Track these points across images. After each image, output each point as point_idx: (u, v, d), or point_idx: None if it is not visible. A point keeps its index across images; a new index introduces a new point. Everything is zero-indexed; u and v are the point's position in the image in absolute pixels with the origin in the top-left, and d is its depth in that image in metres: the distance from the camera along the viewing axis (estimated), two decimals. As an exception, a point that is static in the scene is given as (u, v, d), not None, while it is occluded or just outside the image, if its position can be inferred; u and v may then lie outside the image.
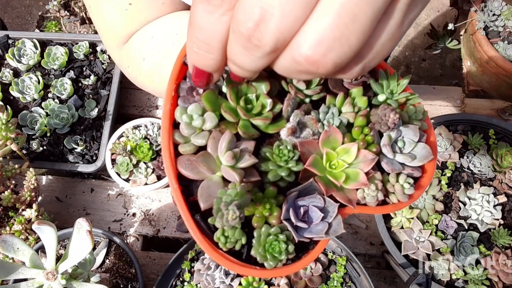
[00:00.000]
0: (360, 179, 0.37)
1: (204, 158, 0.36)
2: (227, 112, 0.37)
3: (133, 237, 1.05)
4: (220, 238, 0.35)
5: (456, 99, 1.14)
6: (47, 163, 1.06)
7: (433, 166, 0.41)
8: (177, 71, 0.39)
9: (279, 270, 0.37)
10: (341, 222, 0.37)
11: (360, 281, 0.83)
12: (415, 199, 0.40)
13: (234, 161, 0.35)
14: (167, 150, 0.37)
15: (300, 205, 0.37)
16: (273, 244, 0.36)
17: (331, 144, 0.38)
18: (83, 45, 1.16)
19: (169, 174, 0.36)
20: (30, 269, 0.67)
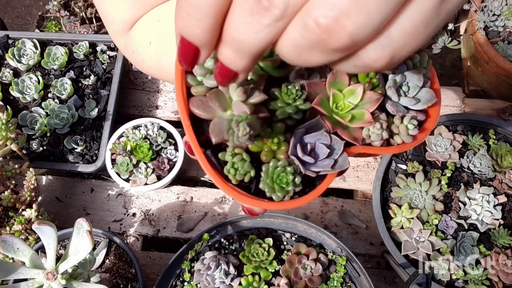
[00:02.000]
0: (366, 117, 0.39)
1: (217, 95, 0.37)
2: None
3: (133, 237, 1.05)
4: (230, 171, 0.37)
5: (456, 99, 1.14)
6: (47, 163, 1.06)
7: (437, 112, 0.42)
8: None
9: (286, 203, 0.38)
10: (346, 158, 0.38)
11: (360, 281, 0.83)
12: (419, 141, 0.41)
13: (245, 96, 0.37)
14: (180, 90, 0.38)
15: (307, 141, 0.39)
16: (281, 175, 0.37)
17: (337, 86, 0.40)
18: (83, 45, 1.16)
19: (182, 112, 0.38)
20: (30, 269, 0.67)
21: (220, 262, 0.82)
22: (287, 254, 0.85)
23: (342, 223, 1.02)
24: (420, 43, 0.24)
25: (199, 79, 0.39)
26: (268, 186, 0.37)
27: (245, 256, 0.83)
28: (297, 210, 1.05)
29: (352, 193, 1.12)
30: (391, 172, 0.93)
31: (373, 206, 0.89)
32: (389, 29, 0.23)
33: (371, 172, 1.07)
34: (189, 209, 1.06)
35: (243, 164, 0.37)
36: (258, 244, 0.84)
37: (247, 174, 0.37)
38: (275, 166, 0.37)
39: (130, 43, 0.67)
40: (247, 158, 0.37)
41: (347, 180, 1.07)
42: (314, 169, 0.38)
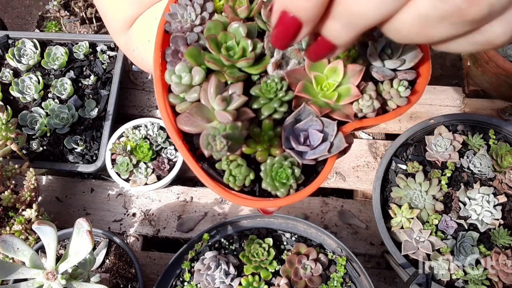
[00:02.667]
0: (352, 92, 0.38)
1: (198, 108, 0.37)
2: (210, 61, 0.38)
3: (133, 237, 1.05)
4: (229, 179, 0.37)
5: (456, 99, 1.14)
6: (47, 163, 1.06)
7: (428, 69, 0.41)
8: (160, 39, 0.41)
9: (292, 197, 0.38)
10: (342, 138, 0.38)
11: (360, 281, 0.83)
12: (413, 103, 0.40)
13: (225, 103, 0.36)
14: (165, 112, 0.38)
15: (299, 131, 0.38)
16: (279, 172, 0.37)
17: (317, 68, 0.39)
18: (83, 45, 1.16)
19: (171, 133, 0.38)
20: (30, 269, 0.67)
21: (220, 262, 0.82)
22: (287, 254, 0.85)
23: (342, 223, 1.02)
24: None
25: (182, 95, 0.39)
26: (269, 184, 0.37)
27: (245, 256, 0.83)
28: (297, 210, 1.05)
29: (352, 193, 1.12)
30: (391, 172, 0.93)
31: (373, 206, 0.89)
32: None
33: (371, 172, 1.07)
34: (189, 209, 1.06)
35: (240, 169, 0.37)
36: (258, 244, 0.84)
37: (247, 178, 0.37)
38: (272, 164, 0.37)
39: (130, 41, 0.67)
40: (243, 162, 0.37)
41: (347, 180, 1.07)
42: (312, 156, 0.38)
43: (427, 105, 1.13)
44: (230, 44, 0.40)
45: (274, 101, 0.38)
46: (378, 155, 1.09)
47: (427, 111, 1.13)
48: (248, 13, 0.42)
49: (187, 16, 0.42)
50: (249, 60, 0.39)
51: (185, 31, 0.42)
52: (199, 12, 0.42)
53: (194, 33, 0.42)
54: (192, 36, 0.41)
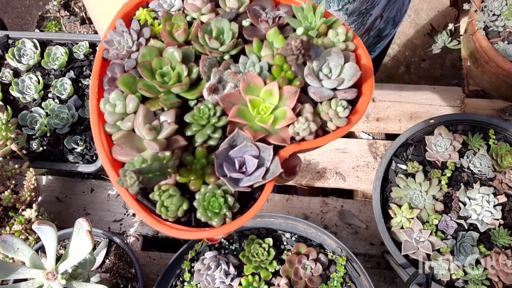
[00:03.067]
0: (288, 115, 0.37)
1: (127, 138, 0.36)
2: (142, 89, 0.38)
3: (133, 237, 1.05)
4: (161, 210, 0.36)
5: (456, 99, 1.14)
6: (47, 163, 1.06)
7: (370, 87, 0.40)
8: (98, 67, 0.41)
9: (228, 226, 0.36)
10: (278, 164, 0.37)
11: (360, 281, 0.83)
12: (353, 123, 0.39)
13: (154, 132, 0.36)
14: (100, 142, 0.38)
15: (234, 157, 0.37)
16: (211, 201, 0.36)
17: (252, 91, 0.38)
18: (83, 45, 1.16)
19: (105, 163, 0.37)
20: (30, 269, 0.67)
21: (220, 262, 0.82)
22: (287, 254, 0.85)
23: (342, 223, 1.02)
24: None
25: (118, 124, 0.38)
26: (203, 215, 0.36)
27: (245, 256, 0.83)
28: (297, 210, 1.05)
29: (352, 193, 1.12)
30: (391, 172, 0.93)
31: (373, 206, 0.89)
32: None
33: (371, 172, 1.07)
34: (189, 209, 1.06)
35: (172, 200, 0.36)
36: (258, 244, 0.84)
37: (180, 208, 0.36)
38: (205, 193, 0.36)
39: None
40: (175, 193, 0.36)
41: (347, 180, 1.07)
42: (247, 183, 0.36)
43: (427, 105, 1.14)
44: (165, 70, 0.39)
45: (207, 127, 0.37)
46: (378, 155, 1.09)
47: (427, 111, 1.13)
48: (186, 37, 0.41)
49: (124, 42, 0.41)
50: (183, 86, 0.38)
51: (123, 57, 0.41)
52: (136, 38, 0.42)
53: (132, 60, 0.41)
54: (129, 63, 0.41)
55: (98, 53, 0.41)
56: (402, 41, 2.13)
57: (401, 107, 1.14)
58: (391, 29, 0.94)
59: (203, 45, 0.40)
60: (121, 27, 0.42)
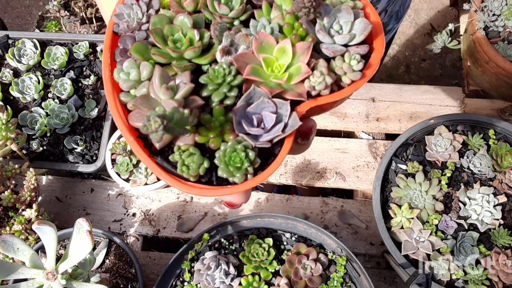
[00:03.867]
0: (302, 70, 0.38)
1: (144, 100, 0.37)
2: (156, 54, 0.38)
3: (133, 237, 1.05)
4: (182, 169, 0.36)
5: (456, 99, 1.14)
6: (47, 163, 1.06)
7: (381, 42, 0.40)
8: (109, 40, 0.41)
9: (250, 181, 0.37)
10: (296, 117, 0.37)
11: (360, 281, 0.83)
12: (368, 77, 0.39)
13: (171, 92, 0.36)
14: (116, 110, 0.38)
15: (252, 114, 0.37)
16: (233, 156, 0.36)
17: (265, 50, 0.39)
18: (83, 45, 1.16)
19: (123, 131, 0.38)
20: (30, 269, 0.67)
21: (220, 262, 0.82)
22: (287, 254, 0.85)
23: (342, 223, 1.02)
24: None
25: (132, 93, 0.39)
26: (225, 171, 0.36)
27: (245, 256, 0.83)
28: (297, 210, 1.05)
29: (352, 193, 1.12)
30: (391, 172, 0.93)
31: (373, 206, 0.89)
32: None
33: (371, 172, 1.07)
34: (189, 209, 1.06)
35: (193, 158, 0.36)
36: (258, 244, 0.84)
37: (201, 166, 0.36)
38: (225, 150, 0.36)
39: None
40: (195, 151, 0.36)
41: (347, 180, 1.07)
42: (266, 138, 0.37)
43: (427, 105, 1.14)
44: (176, 37, 0.39)
45: (223, 86, 0.37)
46: (378, 155, 1.09)
47: (427, 111, 1.13)
48: (195, 6, 0.42)
49: (133, 15, 0.42)
50: (196, 49, 0.38)
51: (133, 30, 0.42)
52: (145, 10, 0.42)
53: (142, 31, 0.42)
54: (140, 35, 0.41)
55: (108, 28, 0.42)
56: (402, 41, 2.13)
57: (401, 107, 1.14)
58: (394, 23, 0.94)
59: (212, 12, 0.40)
60: (130, 0, 0.43)
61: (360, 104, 1.15)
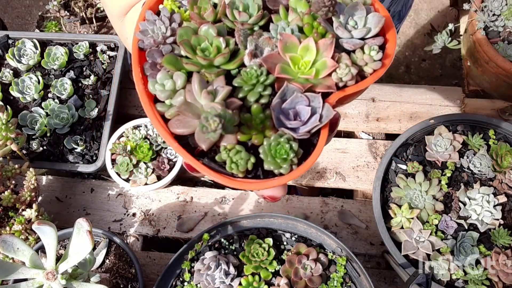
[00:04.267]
0: (328, 64, 0.41)
1: (187, 106, 0.39)
2: (188, 63, 0.41)
3: (133, 237, 1.05)
4: (231, 166, 0.38)
5: (456, 99, 1.14)
6: (47, 163, 1.06)
7: (393, 34, 0.44)
8: (136, 56, 0.44)
9: (296, 171, 0.39)
10: (329, 108, 0.40)
11: (360, 281, 0.83)
12: (387, 65, 0.43)
13: (211, 96, 0.38)
14: (156, 120, 0.41)
15: (287, 109, 0.40)
16: (278, 149, 0.38)
17: (290, 50, 0.42)
18: (83, 45, 1.16)
19: (166, 138, 0.40)
20: (30, 269, 0.67)
21: (220, 262, 0.82)
22: (287, 254, 0.85)
23: (342, 223, 1.02)
24: None
25: (167, 103, 0.41)
26: (271, 163, 0.38)
27: (245, 256, 0.83)
28: (297, 210, 1.05)
29: (352, 193, 1.12)
30: (391, 172, 0.93)
31: (373, 206, 0.89)
32: None
33: (371, 172, 1.07)
34: (189, 209, 1.06)
35: (240, 155, 0.38)
36: (258, 244, 0.84)
37: (248, 162, 0.38)
38: (269, 143, 0.38)
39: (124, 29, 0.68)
40: (241, 148, 0.38)
41: (347, 180, 1.07)
42: (305, 130, 0.39)
43: (427, 105, 1.14)
44: (204, 46, 0.42)
45: (258, 86, 0.40)
46: (378, 155, 1.09)
47: (427, 111, 1.13)
48: (215, 16, 0.45)
49: (157, 30, 0.44)
50: (225, 55, 0.41)
51: (159, 44, 0.44)
52: (168, 24, 0.45)
53: (168, 45, 0.44)
54: (166, 48, 0.44)
55: (133, 44, 0.44)
56: (402, 41, 2.13)
57: (401, 107, 1.14)
58: (397, 23, 0.94)
59: (232, 21, 0.43)
60: (152, 16, 0.45)
61: (360, 104, 1.15)
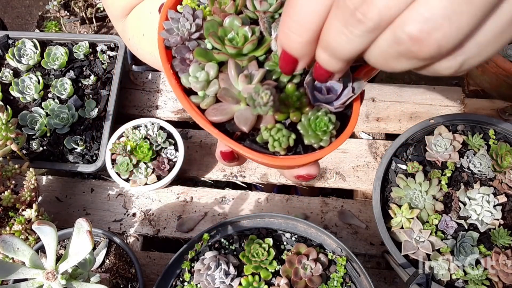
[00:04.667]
0: None
1: (226, 91, 0.40)
2: (220, 53, 0.42)
3: (133, 237, 1.05)
4: (274, 145, 0.39)
5: (456, 99, 1.14)
6: (47, 163, 1.06)
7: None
8: (164, 55, 0.45)
9: (336, 143, 0.41)
10: (360, 80, 0.41)
11: (360, 281, 0.83)
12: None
13: (248, 79, 0.40)
14: (193, 111, 0.42)
15: (320, 86, 0.41)
16: (317, 122, 0.40)
17: None
18: (83, 45, 1.16)
19: (205, 126, 0.41)
20: (30, 269, 0.67)
21: (220, 262, 0.82)
22: (287, 254, 0.85)
23: (342, 223, 1.02)
24: (491, 53, 0.26)
25: (201, 94, 0.43)
26: (312, 137, 0.40)
27: (245, 256, 0.83)
28: (297, 210, 1.05)
29: (352, 193, 1.12)
30: (391, 172, 0.93)
31: (373, 206, 0.89)
32: (466, 42, 0.25)
33: (371, 172, 1.07)
34: (189, 209, 1.06)
35: (282, 132, 0.39)
36: (258, 244, 0.84)
37: (290, 138, 0.39)
38: (308, 118, 0.40)
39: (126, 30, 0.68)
40: (281, 127, 0.40)
41: (347, 180, 1.07)
42: (340, 102, 0.41)
43: (427, 105, 1.14)
44: (231, 36, 0.44)
45: None
46: (378, 155, 1.09)
47: (427, 111, 1.13)
48: (236, 9, 0.46)
49: (181, 27, 0.46)
50: (254, 41, 0.42)
51: (184, 40, 0.46)
52: (192, 20, 0.46)
53: (193, 41, 0.45)
54: (192, 44, 0.45)
55: (159, 44, 0.46)
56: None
57: (401, 107, 1.14)
58: None
59: (253, 11, 0.45)
60: (176, 15, 0.47)
61: (360, 104, 1.15)
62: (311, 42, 0.30)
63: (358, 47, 0.27)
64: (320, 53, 0.30)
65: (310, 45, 0.30)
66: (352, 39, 0.27)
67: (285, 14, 0.29)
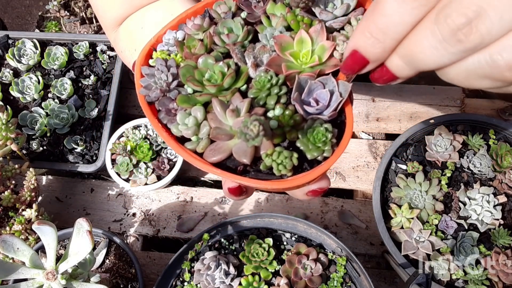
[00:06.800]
0: (326, 46, 0.43)
1: (217, 130, 0.41)
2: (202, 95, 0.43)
3: (133, 237, 1.05)
4: (279, 168, 0.39)
5: (456, 99, 1.14)
6: (47, 163, 1.06)
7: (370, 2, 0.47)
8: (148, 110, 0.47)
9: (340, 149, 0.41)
10: (344, 83, 0.42)
11: (360, 281, 0.83)
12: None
13: (236, 113, 0.40)
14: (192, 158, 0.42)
15: (307, 98, 0.42)
16: (314, 135, 0.40)
17: (288, 47, 0.44)
18: (83, 45, 1.16)
19: (207, 169, 0.41)
20: (30, 269, 0.67)
21: (220, 262, 0.82)
22: (287, 254, 0.85)
23: (342, 223, 1.02)
24: None
25: (194, 139, 0.43)
26: (314, 150, 0.40)
27: (245, 256, 0.83)
28: (297, 210, 1.05)
29: (352, 193, 1.12)
30: (391, 172, 0.93)
31: (373, 206, 0.89)
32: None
33: (371, 172, 1.07)
34: (189, 209, 1.06)
35: (283, 154, 0.39)
36: (258, 244, 0.84)
37: (292, 158, 0.39)
38: (305, 133, 0.40)
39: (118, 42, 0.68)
40: (281, 149, 0.40)
41: (347, 180, 1.07)
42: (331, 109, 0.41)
43: (427, 105, 1.14)
44: (208, 76, 0.44)
45: (274, 88, 0.41)
46: (378, 155, 1.09)
47: (427, 111, 1.13)
48: (205, 48, 0.47)
49: (158, 80, 0.47)
50: (232, 74, 0.42)
51: (165, 92, 0.46)
52: (167, 71, 0.47)
53: (173, 90, 0.46)
54: (172, 93, 0.46)
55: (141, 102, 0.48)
56: (402, 41, 2.13)
57: (401, 107, 1.14)
58: None
59: (223, 45, 0.45)
60: (150, 70, 0.48)
61: (360, 104, 1.15)
62: (391, 49, 0.30)
63: (444, 63, 0.28)
64: (395, 59, 0.31)
65: (388, 52, 0.31)
66: (443, 55, 0.27)
67: (368, 19, 0.30)
